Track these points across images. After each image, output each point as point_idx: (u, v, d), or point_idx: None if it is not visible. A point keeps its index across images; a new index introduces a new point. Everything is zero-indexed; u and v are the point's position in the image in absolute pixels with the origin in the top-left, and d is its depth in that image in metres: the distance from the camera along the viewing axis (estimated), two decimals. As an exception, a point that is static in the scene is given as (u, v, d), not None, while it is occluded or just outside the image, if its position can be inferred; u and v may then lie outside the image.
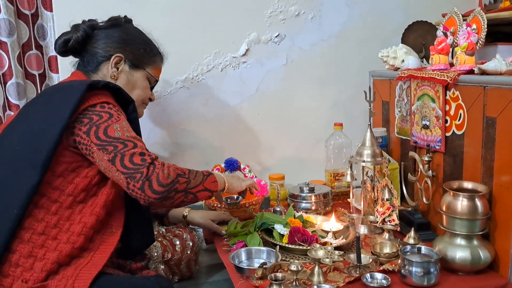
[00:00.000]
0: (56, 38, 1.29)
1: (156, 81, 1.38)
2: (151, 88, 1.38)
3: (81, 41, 1.25)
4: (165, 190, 1.04)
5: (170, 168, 1.07)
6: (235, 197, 1.38)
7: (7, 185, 1.05)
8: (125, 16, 1.35)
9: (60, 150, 1.07)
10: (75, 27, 1.27)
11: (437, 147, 1.39)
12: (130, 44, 1.28)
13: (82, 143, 1.08)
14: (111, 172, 1.06)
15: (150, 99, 1.40)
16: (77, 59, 1.31)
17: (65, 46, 1.26)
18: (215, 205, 1.53)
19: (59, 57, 1.62)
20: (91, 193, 1.11)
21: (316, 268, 1.15)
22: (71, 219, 1.08)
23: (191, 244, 1.42)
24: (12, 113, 1.56)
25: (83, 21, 1.29)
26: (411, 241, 1.24)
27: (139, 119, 1.35)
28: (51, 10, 1.61)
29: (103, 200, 1.11)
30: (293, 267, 1.09)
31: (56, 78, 1.64)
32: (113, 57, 1.25)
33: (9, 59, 1.53)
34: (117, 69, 1.26)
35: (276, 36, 1.83)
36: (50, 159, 1.05)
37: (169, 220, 1.52)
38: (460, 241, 1.18)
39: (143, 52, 1.31)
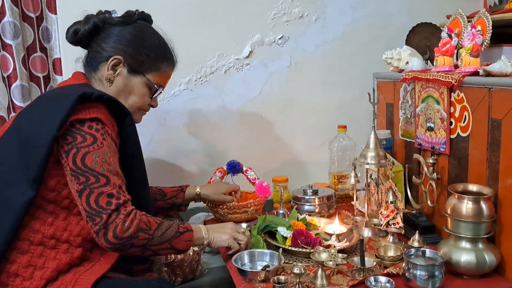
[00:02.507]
0: (68, 26, 1.23)
1: (158, 89, 1.25)
2: (155, 95, 1.26)
3: (88, 35, 1.19)
4: (119, 243, 0.99)
5: (134, 221, 1.01)
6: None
7: (3, 198, 1.04)
8: (142, 12, 1.25)
9: (51, 163, 1.05)
10: (86, 19, 1.20)
11: (442, 150, 1.38)
12: (133, 47, 1.19)
13: (62, 162, 1.05)
14: (77, 202, 1.03)
15: (152, 106, 1.29)
16: (80, 58, 1.27)
17: (74, 37, 1.21)
18: (219, 206, 1.53)
19: (63, 59, 1.62)
20: None
21: (320, 271, 1.14)
22: (68, 229, 1.08)
23: (193, 245, 1.42)
24: (17, 115, 1.57)
25: (98, 12, 1.21)
26: (416, 244, 1.23)
27: (149, 121, 1.33)
28: (55, 13, 1.61)
29: None
30: (296, 270, 1.08)
31: (60, 80, 1.64)
32: (111, 58, 1.17)
33: (14, 61, 1.54)
34: (114, 71, 1.18)
35: (279, 38, 1.83)
36: (42, 172, 1.03)
37: (186, 208, 1.54)
38: (465, 244, 1.17)
39: (145, 57, 1.20)
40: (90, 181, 1.01)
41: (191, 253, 1.40)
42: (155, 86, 1.24)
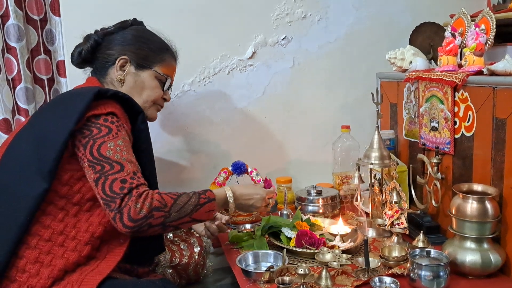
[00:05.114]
0: (72, 51, 1.32)
1: (167, 79, 1.33)
2: (165, 88, 1.34)
3: (92, 50, 1.28)
4: (136, 225, 0.99)
5: (146, 200, 1.00)
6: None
7: (16, 191, 1.06)
8: (134, 19, 1.35)
9: (66, 158, 1.07)
10: (86, 38, 1.30)
11: (446, 149, 1.38)
12: (134, 44, 1.28)
13: (79, 155, 1.07)
14: (95, 192, 1.05)
15: (165, 100, 1.36)
16: (88, 69, 1.34)
17: (80, 57, 1.29)
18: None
19: (67, 61, 1.63)
20: (98, 203, 1.10)
21: (324, 272, 1.14)
22: (77, 226, 1.09)
23: (198, 248, 1.42)
24: (21, 118, 1.58)
25: (95, 31, 1.31)
26: (420, 244, 1.23)
27: (153, 123, 1.36)
28: (59, 15, 1.62)
29: None
30: (300, 271, 1.08)
31: (64, 83, 1.65)
32: (117, 60, 1.25)
33: (18, 64, 1.55)
34: (123, 71, 1.26)
35: (282, 39, 1.83)
36: (56, 166, 1.05)
37: None
38: (470, 244, 1.16)
39: (148, 51, 1.29)
40: (105, 169, 1.03)
41: (197, 257, 1.40)
42: (164, 76, 1.32)
